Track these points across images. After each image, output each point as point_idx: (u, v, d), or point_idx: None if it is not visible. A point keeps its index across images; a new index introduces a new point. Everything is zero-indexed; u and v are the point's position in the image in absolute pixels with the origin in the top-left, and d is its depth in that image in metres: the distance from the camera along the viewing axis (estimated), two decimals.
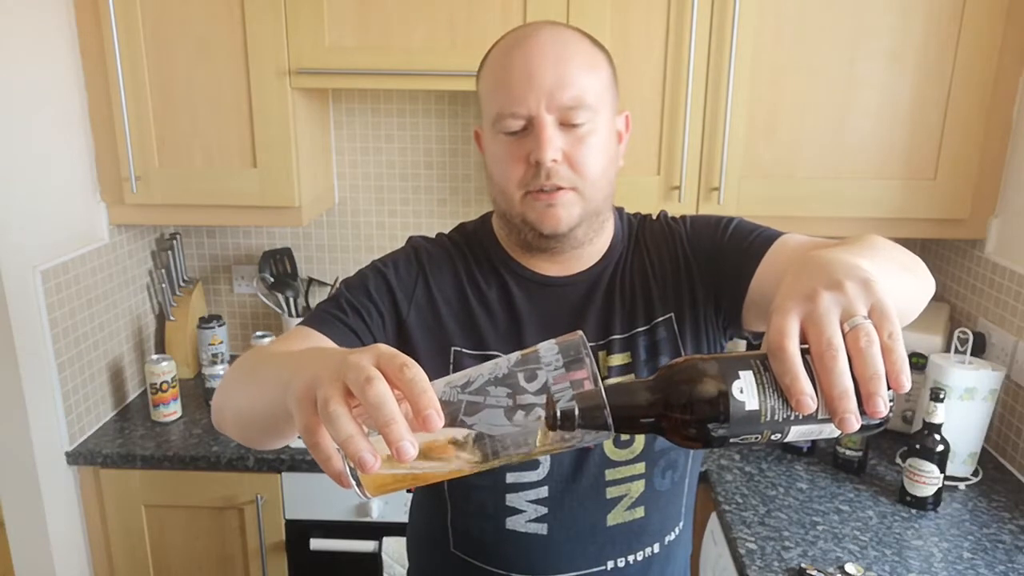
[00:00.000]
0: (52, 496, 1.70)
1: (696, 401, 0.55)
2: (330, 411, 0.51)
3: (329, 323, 0.92)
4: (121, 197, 1.83)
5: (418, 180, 2.16)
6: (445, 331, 0.96)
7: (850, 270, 0.57)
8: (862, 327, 0.53)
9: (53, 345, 1.68)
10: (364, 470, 0.50)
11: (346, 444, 0.50)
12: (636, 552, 0.99)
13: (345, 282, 0.98)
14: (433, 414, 0.50)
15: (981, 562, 1.35)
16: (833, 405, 0.52)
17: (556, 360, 0.55)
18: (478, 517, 0.98)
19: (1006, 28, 1.63)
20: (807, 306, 0.55)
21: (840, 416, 0.52)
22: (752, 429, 0.54)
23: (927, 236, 1.79)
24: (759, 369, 0.55)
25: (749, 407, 0.53)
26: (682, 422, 0.55)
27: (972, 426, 1.58)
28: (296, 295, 2.13)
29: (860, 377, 0.52)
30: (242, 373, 0.79)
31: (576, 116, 0.87)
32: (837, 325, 0.54)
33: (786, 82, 1.70)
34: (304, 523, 1.78)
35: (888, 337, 0.53)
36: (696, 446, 0.57)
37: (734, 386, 0.54)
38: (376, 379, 0.51)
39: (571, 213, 0.90)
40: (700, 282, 0.97)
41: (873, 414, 0.52)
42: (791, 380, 0.53)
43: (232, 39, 1.71)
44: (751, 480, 1.61)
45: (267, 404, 0.68)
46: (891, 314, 0.55)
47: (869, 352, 0.52)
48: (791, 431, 0.54)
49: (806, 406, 0.52)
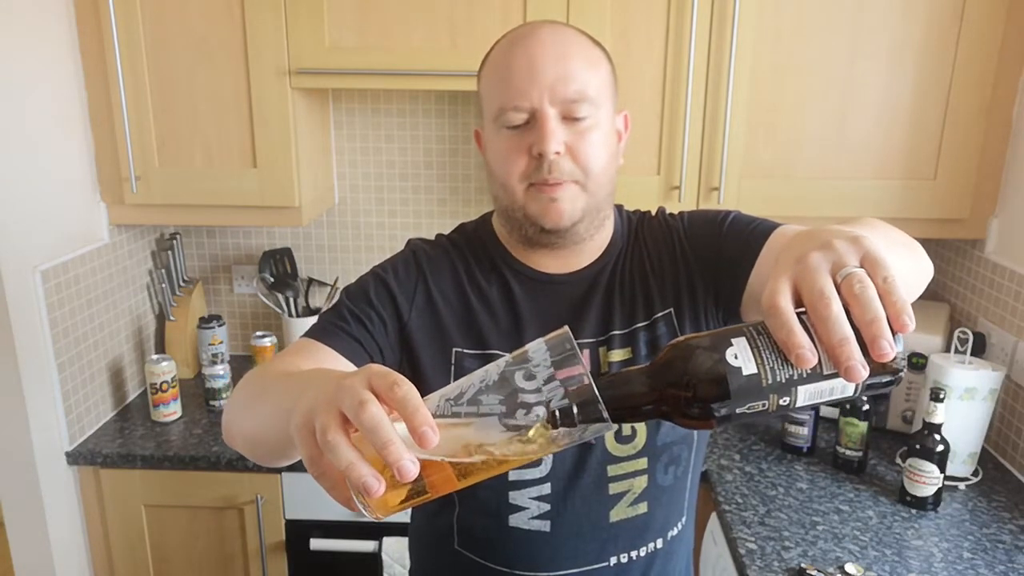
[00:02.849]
0: (52, 496, 1.70)
1: (692, 375, 0.53)
2: (328, 440, 0.51)
3: (332, 334, 0.92)
4: (121, 197, 1.83)
5: (418, 180, 2.16)
6: (446, 333, 0.97)
7: (839, 232, 0.56)
8: (854, 274, 0.52)
9: (53, 345, 1.68)
10: (369, 495, 0.50)
11: (347, 472, 0.50)
12: (639, 548, 1.00)
13: (346, 290, 0.99)
14: (428, 431, 0.50)
15: (981, 562, 1.35)
16: (835, 354, 0.50)
17: (546, 359, 0.55)
18: (481, 515, 0.99)
19: (1006, 28, 1.63)
20: (797, 267, 0.54)
21: (844, 365, 0.50)
22: (756, 395, 0.52)
23: (927, 236, 1.78)
24: (753, 334, 0.53)
25: (747, 371, 0.52)
26: (683, 400, 0.54)
27: (972, 426, 1.58)
28: (296, 295, 2.13)
29: (860, 323, 0.50)
30: (248, 397, 0.80)
31: (578, 110, 0.88)
32: (827, 276, 0.52)
33: (786, 82, 1.70)
34: (304, 523, 1.78)
35: (883, 281, 0.52)
36: (704, 425, 0.55)
37: (728, 353, 0.52)
38: (368, 402, 0.51)
39: (573, 207, 0.91)
40: (699, 276, 0.98)
41: (880, 358, 0.50)
42: (786, 334, 0.51)
43: (232, 39, 1.71)
44: (751, 480, 1.61)
45: (273, 431, 0.69)
46: (884, 261, 0.53)
47: (864, 296, 0.51)
48: (799, 393, 0.52)
49: (806, 359, 0.50)
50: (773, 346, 0.52)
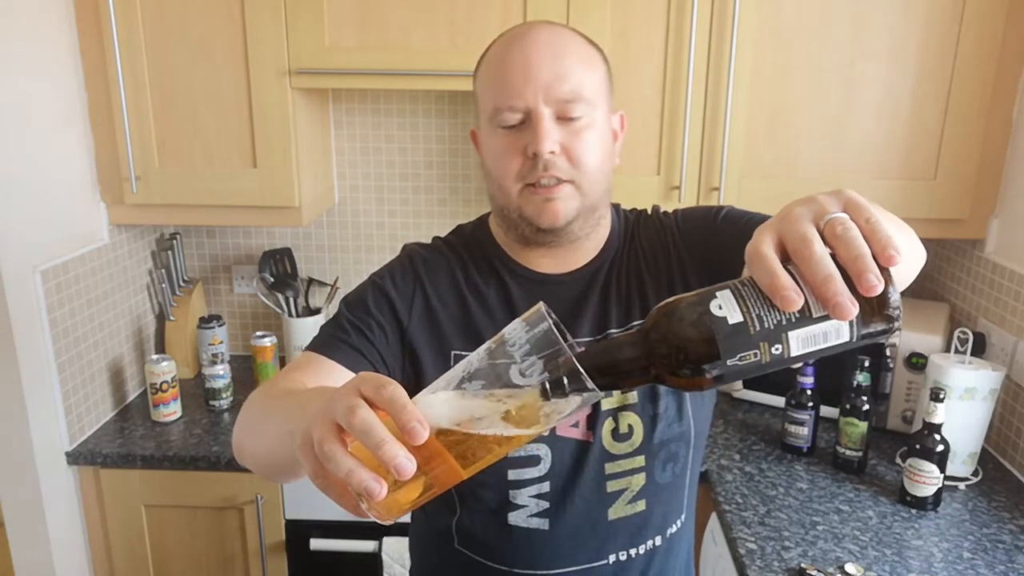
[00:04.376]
0: (52, 496, 1.70)
1: (676, 331, 0.53)
2: (325, 451, 0.52)
3: (333, 346, 0.93)
4: (121, 197, 1.83)
5: (418, 180, 2.16)
6: (445, 336, 0.97)
7: (822, 192, 0.56)
8: (836, 217, 0.51)
9: (53, 345, 1.68)
10: (372, 498, 0.51)
11: (348, 479, 0.51)
12: (638, 545, 1.00)
13: (345, 300, 0.99)
14: (416, 426, 0.51)
15: (981, 562, 1.35)
16: (821, 292, 0.49)
17: (524, 336, 0.56)
18: (481, 514, 0.99)
19: (1006, 28, 1.63)
20: (780, 223, 0.54)
21: (832, 302, 0.48)
22: (745, 345, 0.51)
23: (927, 236, 1.77)
24: (738, 286, 0.53)
25: (732, 320, 0.51)
26: (671, 359, 0.53)
27: (972, 426, 1.58)
28: (296, 295, 2.13)
29: (845, 261, 0.49)
30: (253, 418, 0.81)
31: (573, 109, 0.88)
32: (810, 223, 0.52)
33: (786, 82, 1.70)
34: (304, 523, 1.78)
35: (866, 222, 0.51)
36: (697, 384, 0.54)
37: (712, 305, 0.52)
38: (358, 407, 0.52)
39: (568, 207, 0.91)
40: (693, 272, 0.98)
41: (867, 292, 0.48)
42: (770, 277, 0.50)
43: (232, 39, 1.71)
44: (751, 480, 1.61)
45: (279, 453, 0.71)
46: (866, 204, 0.53)
47: (847, 236, 0.50)
48: (791, 340, 0.51)
49: (790, 300, 0.49)
50: (759, 294, 0.51)
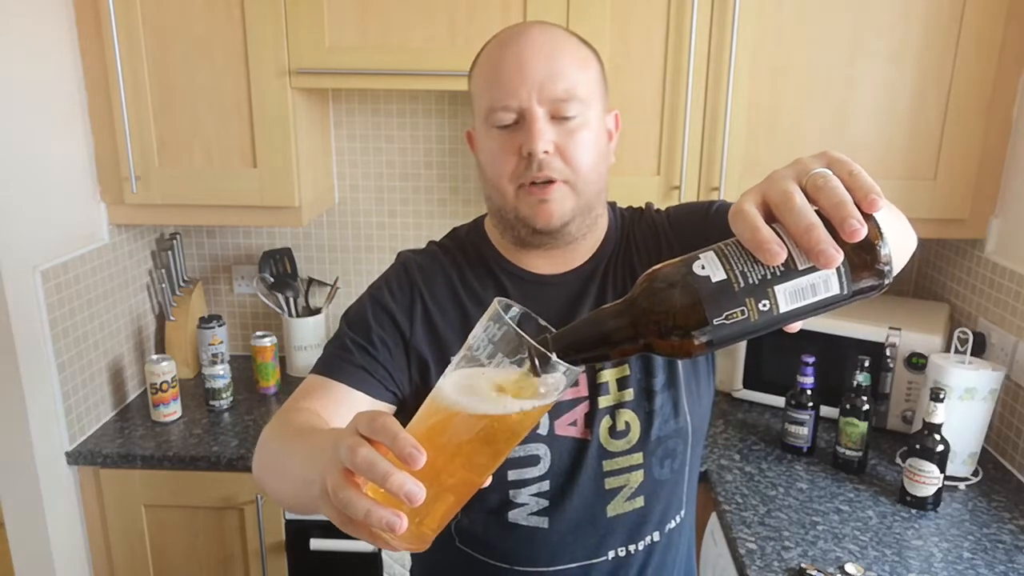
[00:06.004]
0: (52, 496, 1.70)
1: (660, 295, 0.53)
2: (341, 499, 0.53)
3: (338, 368, 0.94)
4: (121, 197, 1.83)
5: (418, 180, 2.16)
6: (445, 341, 0.97)
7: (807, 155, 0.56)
8: (818, 172, 0.51)
9: (53, 345, 1.68)
10: (396, 532, 0.52)
11: (368, 521, 0.52)
12: (637, 542, 1.00)
13: (345, 317, 1.00)
14: (412, 451, 0.52)
15: (981, 562, 1.35)
16: (804, 242, 0.48)
17: (489, 338, 0.57)
18: (481, 513, 0.99)
19: (1006, 28, 1.63)
20: (763, 184, 0.54)
21: (815, 250, 0.48)
22: (730, 302, 0.50)
23: (927, 236, 1.78)
24: (721, 247, 0.52)
25: (716, 278, 0.51)
26: (658, 324, 0.53)
27: (972, 426, 1.58)
28: (296, 295, 2.13)
29: (827, 210, 0.49)
30: (272, 459, 0.82)
31: (567, 109, 0.88)
32: (792, 181, 0.52)
33: (786, 82, 1.70)
34: (304, 523, 1.77)
35: (849, 175, 0.51)
36: (687, 349, 0.53)
37: (694, 265, 0.52)
38: (358, 447, 0.53)
39: (563, 207, 0.91)
40: None
41: (850, 237, 0.48)
42: (752, 232, 0.49)
43: (232, 39, 1.71)
44: (751, 480, 1.61)
45: (304, 498, 0.72)
46: (850, 161, 0.52)
47: (828, 186, 0.50)
48: (778, 294, 0.50)
49: (773, 252, 0.48)
50: (742, 251, 0.51)
